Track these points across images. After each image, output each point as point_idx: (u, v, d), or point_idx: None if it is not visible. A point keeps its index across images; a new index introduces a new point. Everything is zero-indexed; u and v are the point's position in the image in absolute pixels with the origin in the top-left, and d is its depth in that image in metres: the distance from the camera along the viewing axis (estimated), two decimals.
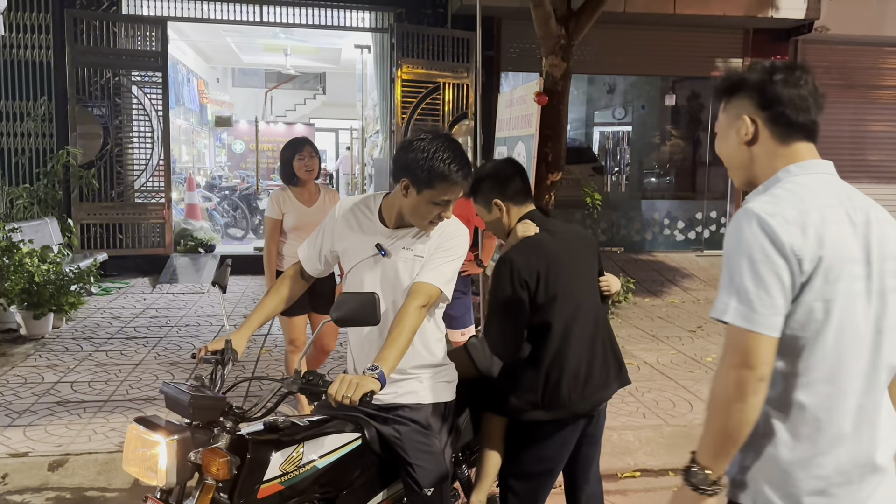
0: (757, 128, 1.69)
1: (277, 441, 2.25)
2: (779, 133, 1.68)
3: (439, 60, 9.92)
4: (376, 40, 10.85)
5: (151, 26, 9.70)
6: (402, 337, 2.27)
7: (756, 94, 1.69)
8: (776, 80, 1.67)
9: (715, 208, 11.42)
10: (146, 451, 2.07)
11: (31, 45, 9.25)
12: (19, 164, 9.28)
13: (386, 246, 2.47)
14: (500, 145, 7.13)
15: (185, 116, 15.89)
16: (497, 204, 2.73)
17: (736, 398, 1.54)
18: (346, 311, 2.21)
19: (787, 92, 1.66)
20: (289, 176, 4.57)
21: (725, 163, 1.79)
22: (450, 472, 2.53)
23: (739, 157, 1.74)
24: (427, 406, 2.50)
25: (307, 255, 2.68)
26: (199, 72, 17.76)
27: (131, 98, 9.75)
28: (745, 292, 1.54)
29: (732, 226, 1.62)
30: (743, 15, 10.03)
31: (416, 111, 9.80)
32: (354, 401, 2.05)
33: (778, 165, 1.68)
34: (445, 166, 2.33)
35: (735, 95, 1.73)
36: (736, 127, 1.72)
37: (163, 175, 9.95)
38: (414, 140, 2.41)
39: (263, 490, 2.17)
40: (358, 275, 2.53)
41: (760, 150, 1.70)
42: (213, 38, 15.10)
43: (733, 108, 1.73)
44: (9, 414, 4.72)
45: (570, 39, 6.25)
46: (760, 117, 1.69)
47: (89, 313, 7.63)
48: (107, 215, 9.69)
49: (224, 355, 2.38)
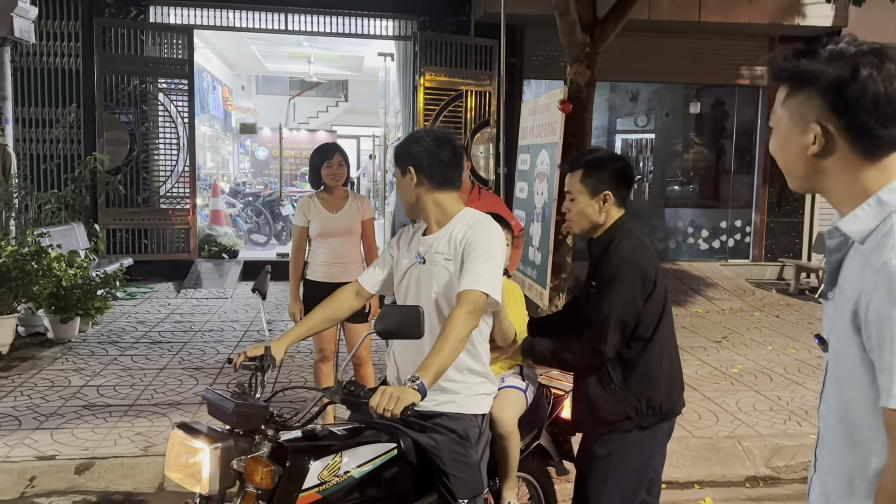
0: (830, 137, 1.34)
1: (316, 449, 2.23)
2: (862, 146, 1.33)
3: (462, 68, 9.94)
4: (399, 48, 10.89)
5: (178, 34, 9.83)
6: (446, 346, 2.21)
7: (831, 95, 1.32)
8: (861, 78, 1.28)
9: (740, 217, 11.32)
10: (189, 458, 2.09)
11: (61, 52, 9.40)
12: (48, 169, 9.42)
13: (422, 252, 2.50)
14: (523, 153, 7.12)
15: (209, 123, 16.05)
16: (606, 196, 2.59)
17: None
18: (390, 323, 2.20)
19: (875, 94, 1.28)
20: (316, 182, 4.56)
21: (783, 168, 1.46)
22: (484, 486, 2.50)
23: (804, 168, 1.40)
24: (466, 416, 2.47)
25: (368, 274, 2.71)
26: (224, 79, 17.94)
27: (157, 105, 9.87)
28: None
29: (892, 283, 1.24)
30: (768, 22, 9.94)
31: (438, 118, 9.82)
32: (396, 414, 2.03)
33: (870, 186, 1.34)
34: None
35: (801, 91, 1.36)
36: (800, 131, 1.37)
37: (188, 181, 10.05)
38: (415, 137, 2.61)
39: (302, 499, 2.16)
40: (400, 287, 2.56)
41: (836, 165, 1.35)
42: (237, 45, 15.25)
43: (798, 108, 1.37)
44: (36, 417, 4.77)
45: (596, 47, 6.24)
46: (835, 125, 1.33)
47: (115, 317, 7.71)
48: (132, 221, 9.80)
49: (263, 362, 2.38)
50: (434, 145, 2.48)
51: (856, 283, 1.32)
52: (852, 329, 1.32)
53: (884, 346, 1.24)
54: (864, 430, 1.35)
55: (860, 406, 1.34)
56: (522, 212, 6.95)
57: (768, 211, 11.05)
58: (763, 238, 11.14)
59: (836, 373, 1.41)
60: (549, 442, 3.07)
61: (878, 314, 1.24)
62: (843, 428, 1.39)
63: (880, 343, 1.25)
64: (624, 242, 2.61)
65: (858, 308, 1.29)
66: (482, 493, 2.49)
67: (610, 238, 2.63)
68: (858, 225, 1.34)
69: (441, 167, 2.47)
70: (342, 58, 16.23)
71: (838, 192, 1.39)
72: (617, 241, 2.61)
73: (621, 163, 2.68)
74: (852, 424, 1.37)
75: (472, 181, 5.05)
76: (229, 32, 12.23)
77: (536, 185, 6.52)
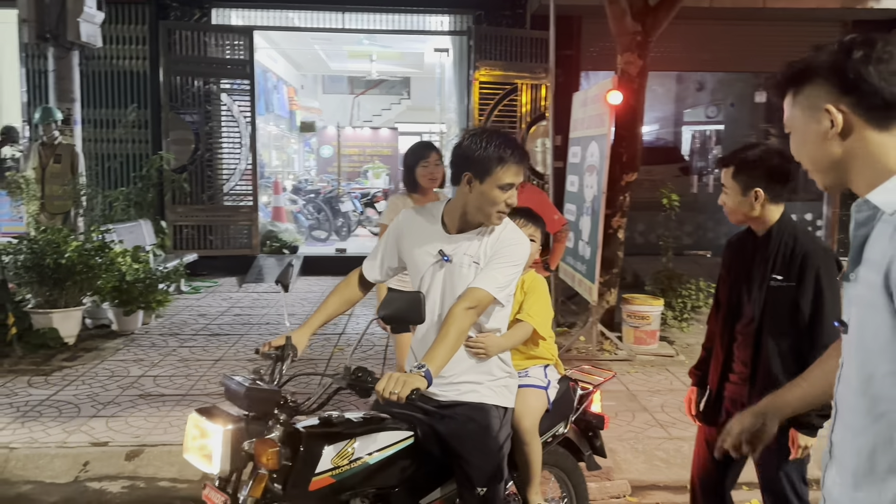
0: (846, 117, 1.41)
1: (330, 435, 2.30)
2: (877, 118, 1.39)
3: (517, 61, 9.86)
4: (455, 43, 10.90)
5: (239, 35, 10.08)
6: (448, 337, 2.30)
7: (834, 77, 1.41)
8: (856, 57, 1.38)
9: (810, 210, 10.87)
10: (203, 440, 2.17)
11: (129, 55, 9.77)
12: (116, 168, 9.81)
13: (448, 251, 2.49)
14: (574, 145, 7.02)
15: (275, 122, 16.42)
16: (757, 193, 2.59)
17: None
18: (394, 309, 2.28)
19: (874, 68, 1.37)
20: (412, 184, 4.21)
21: (808, 165, 1.51)
22: (504, 475, 2.52)
23: (829, 157, 1.45)
24: (488, 407, 2.51)
25: (368, 262, 2.72)
26: (290, 79, 18.33)
27: (220, 105, 10.15)
28: None
29: None
30: (840, 6, 9.49)
31: (492, 113, 9.78)
32: (401, 397, 2.09)
33: (890, 159, 1.39)
34: (501, 150, 2.40)
35: (805, 85, 1.46)
36: (815, 120, 1.44)
37: (250, 179, 10.31)
38: (463, 139, 2.49)
39: (315, 482, 2.23)
40: (423, 282, 2.55)
41: (858, 144, 1.41)
42: (301, 46, 15.56)
43: (807, 100, 1.46)
44: (94, 405, 4.98)
45: (647, 36, 6.09)
46: (846, 104, 1.40)
47: (178, 310, 7.98)
48: (198, 217, 10.12)
49: (284, 351, 2.45)
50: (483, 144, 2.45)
51: (885, 250, 1.34)
52: (883, 295, 1.33)
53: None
54: (887, 402, 1.35)
55: (884, 375, 1.35)
56: (573, 205, 6.85)
57: (840, 203, 10.57)
58: (835, 232, 10.66)
59: (861, 346, 1.41)
60: (579, 436, 3.02)
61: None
62: (864, 401, 1.39)
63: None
64: (815, 240, 2.62)
65: (890, 271, 1.31)
66: (501, 482, 2.50)
67: (791, 233, 2.61)
68: (888, 196, 1.37)
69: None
70: (403, 55, 16.37)
71: (864, 174, 1.42)
72: (804, 238, 2.60)
73: (777, 159, 2.63)
74: (874, 396, 1.37)
75: None
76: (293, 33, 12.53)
77: (586, 178, 6.42)
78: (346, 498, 2.34)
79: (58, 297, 6.25)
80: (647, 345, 6.35)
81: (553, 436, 2.87)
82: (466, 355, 2.48)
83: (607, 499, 3.96)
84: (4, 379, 5.48)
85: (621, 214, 6.47)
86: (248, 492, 2.15)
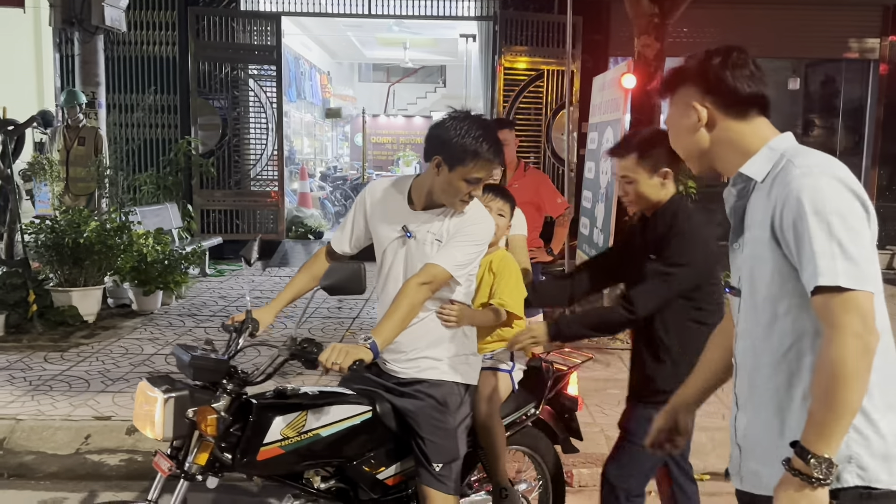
0: (710, 112, 1.69)
1: (281, 406, 2.32)
2: (735, 111, 1.68)
3: (543, 47, 9.74)
4: (481, 29, 10.81)
5: (267, 21, 10.16)
6: (398, 311, 2.31)
7: (699, 79, 1.70)
8: (714, 64, 1.67)
9: None
10: (148, 407, 2.19)
11: (158, 41, 9.91)
12: (147, 152, 9.98)
13: (411, 228, 2.48)
14: (592, 131, 6.90)
15: (307, 110, 16.53)
16: (666, 173, 2.59)
17: (862, 369, 1.43)
18: (335, 280, 2.31)
19: (730, 72, 1.66)
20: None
21: (684, 155, 1.80)
22: (461, 453, 2.51)
23: (698, 145, 1.73)
24: (447, 384, 2.50)
25: (337, 235, 2.73)
26: (325, 67, 18.43)
27: (248, 91, 10.25)
28: (847, 251, 1.45)
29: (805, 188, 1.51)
30: None
31: (517, 100, 9.68)
32: (343, 368, 2.11)
33: (754, 142, 1.67)
34: (477, 143, 2.35)
35: (679, 87, 1.74)
36: (685, 116, 1.72)
37: (276, 164, 10.40)
38: (446, 120, 2.44)
39: (263, 452, 2.26)
40: (386, 257, 2.55)
41: (722, 133, 1.70)
42: (334, 32, 15.61)
43: (680, 100, 1.74)
44: (104, 381, 5.08)
45: (665, 18, 5.95)
46: (710, 102, 1.69)
47: (200, 292, 8.10)
48: (225, 202, 10.26)
49: (243, 325, 2.48)
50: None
51: (765, 209, 1.58)
52: (771, 244, 1.57)
53: (803, 240, 1.48)
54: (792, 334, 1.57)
55: (784, 314, 1.58)
56: (590, 192, 6.74)
57: (878, 195, 10.21)
58: None
59: (756, 297, 1.63)
60: (553, 418, 2.97)
61: (793, 216, 1.50)
62: (770, 343, 1.60)
63: (799, 239, 1.49)
64: (692, 220, 2.60)
65: (773, 221, 1.55)
66: (458, 460, 2.49)
67: (673, 212, 2.61)
68: (758, 167, 1.65)
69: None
70: (436, 42, 16.32)
71: (729, 156, 1.70)
72: (682, 217, 2.58)
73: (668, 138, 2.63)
74: (780, 333, 1.59)
75: (519, 158, 4.94)
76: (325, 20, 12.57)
77: (602, 164, 6.31)
78: (301, 468, 2.36)
79: (77, 276, 6.40)
80: None
81: (525, 415, 2.83)
82: (427, 331, 2.46)
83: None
84: (22, 354, 5.63)
85: None
86: (193, 459, 2.17)
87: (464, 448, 2.53)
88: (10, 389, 4.85)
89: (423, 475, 2.45)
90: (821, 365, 1.47)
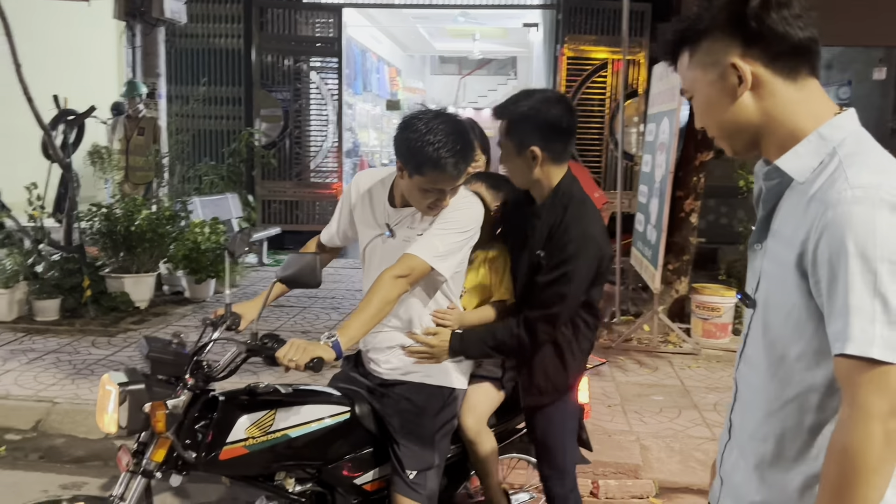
0: (754, 71, 1.28)
1: (247, 404, 2.21)
2: (786, 68, 1.27)
3: (607, 35, 9.40)
4: (544, 17, 10.53)
5: (328, 13, 10.18)
6: (368, 307, 2.14)
7: (734, 26, 1.27)
8: (754, 4, 1.25)
9: None
10: (104, 400, 2.11)
11: (223, 34, 10.07)
12: (210, 143, 10.17)
13: (392, 226, 2.35)
14: (650, 122, 6.58)
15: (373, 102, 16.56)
16: (533, 152, 2.26)
17: (887, 461, 1.14)
18: (291, 272, 2.19)
19: (776, 13, 1.26)
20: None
21: (715, 131, 1.38)
22: (437, 462, 2.35)
23: (739, 117, 1.31)
24: (428, 387, 2.36)
25: (326, 227, 2.65)
26: (396, 60, 18.44)
27: (310, 83, 10.30)
28: (892, 313, 1.11)
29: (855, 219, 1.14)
30: None
31: (580, 90, 9.38)
32: (300, 366, 1.98)
33: (804, 120, 1.27)
34: (434, 152, 2.11)
35: (702, 42, 1.32)
36: (721, 78, 1.30)
37: (336, 156, 10.44)
38: (412, 118, 2.21)
39: (227, 451, 2.16)
40: (367, 254, 2.45)
41: (769, 101, 1.29)
42: (403, 24, 15.58)
43: (707, 57, 1.31)
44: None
45: None
46: (752, 55, 1.27)
47: (254, 281, 8.19)
48: (286, 193, 10.36)
49: (221, 319, 2.39)
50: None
51: (799, 224, 1.23)
52: (796, 275, 1.23)
53: (836, 285, 1.15)
54: (797, 386, 1.27)
55: (796, 358, 1.27)
56: (645, 187, 6.44)
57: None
58: None
59: (768, 327, 1.31)
60: None
61: (831, 252, 1.15)
62: (773, 384, 1.31)
63: (832, 283, 1.16)
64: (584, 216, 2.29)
65: (805, 249, 1.21)
66: (433, 468, 2.33)
67: (563, 204, 2.30)
68: (800, 162, 1.27)
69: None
70: (506, 32, 16.06)
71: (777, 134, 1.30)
72: (573, 212, 2.28)
73: (556, 109, 2.26)
74: (784, 380, 1.29)
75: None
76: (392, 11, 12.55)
77: (657, 157, 6.00)
78: (272, 470, 2.25)
79: (130, 263, 6.54)
80: (716, 338, 5.87)
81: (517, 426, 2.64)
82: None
83: (627, 498, 3.67)
84: (73, 338, 5.78)
85: (695, 197, 6.02)
86: (150, 455, 2.08)
87: (443, 456, 2.37)
88: (54, 372, 4.97)
89: (396, 482, 2.31)
90: (835, 450, 1.17)
